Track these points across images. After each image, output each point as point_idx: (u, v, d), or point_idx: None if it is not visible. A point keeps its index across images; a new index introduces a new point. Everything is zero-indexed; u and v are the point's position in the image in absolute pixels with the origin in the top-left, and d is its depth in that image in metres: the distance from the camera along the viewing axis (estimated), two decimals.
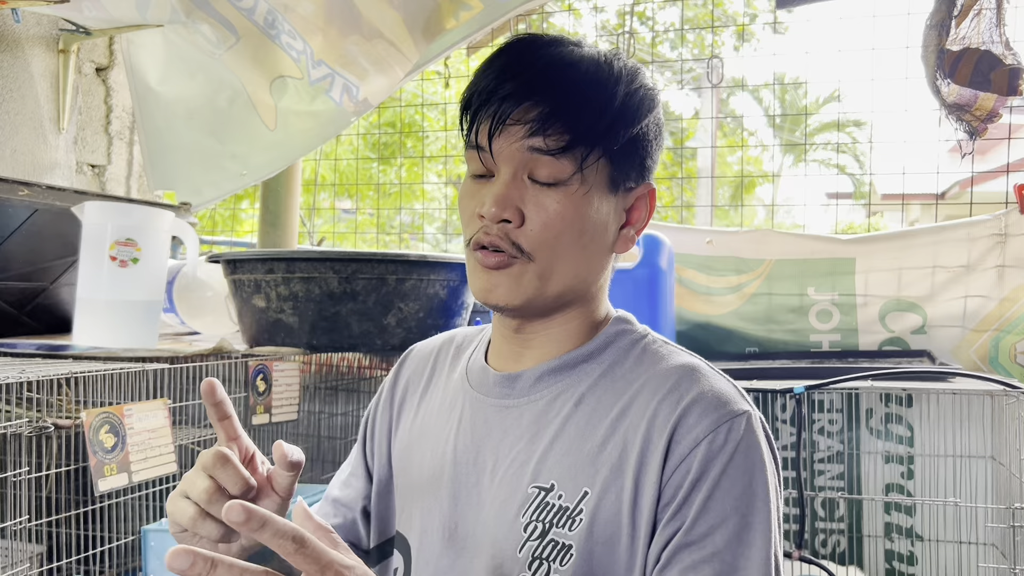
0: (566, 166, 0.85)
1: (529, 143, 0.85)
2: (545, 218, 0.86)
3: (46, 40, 2.42)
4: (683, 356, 0.91)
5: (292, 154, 2.48)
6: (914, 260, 2.14)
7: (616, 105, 0.87)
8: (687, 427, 0.82)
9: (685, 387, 0.85)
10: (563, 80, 0.85)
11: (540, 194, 0.86)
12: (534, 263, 0.87)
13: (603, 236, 0.90)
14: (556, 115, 0.84)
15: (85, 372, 1.44)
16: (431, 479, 0.95)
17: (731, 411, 0.83)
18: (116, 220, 1.84)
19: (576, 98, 0.85)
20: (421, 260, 1.95)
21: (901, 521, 2.04)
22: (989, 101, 1.55)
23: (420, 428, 1.00)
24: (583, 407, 0.88)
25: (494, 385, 0.94)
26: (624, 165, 0.89)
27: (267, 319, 1.95)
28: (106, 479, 1.38)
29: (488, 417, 0.93)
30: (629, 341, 0.93)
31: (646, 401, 0.85)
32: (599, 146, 0.86)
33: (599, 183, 0.88)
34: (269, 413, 1.82)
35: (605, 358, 0.92)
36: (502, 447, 0.90)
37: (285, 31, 2.27)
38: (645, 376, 0.88)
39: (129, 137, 2.70)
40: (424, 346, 1.09)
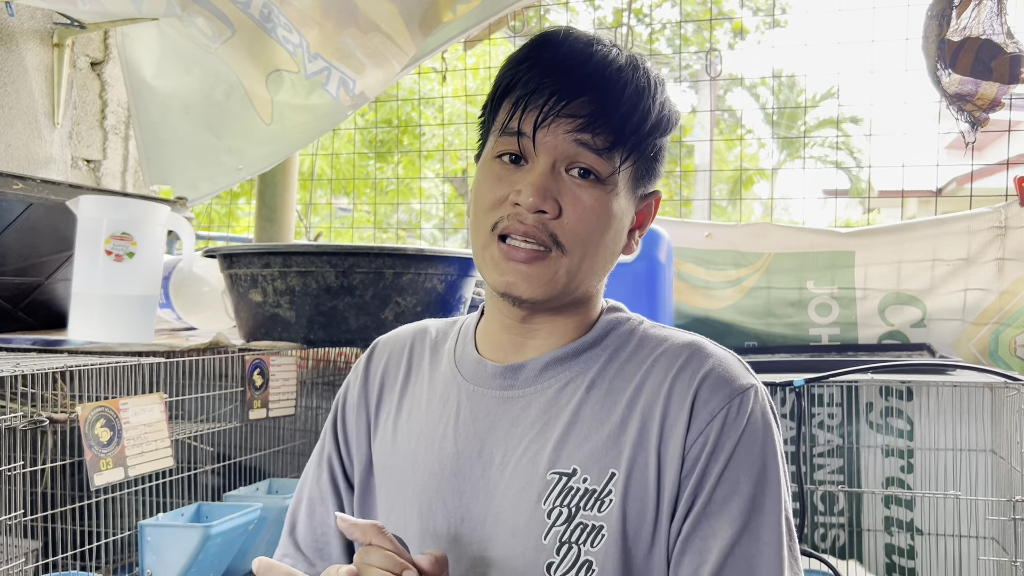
0: (606, 165, 0.88)
1: (578, 137, 0.87)
2: (581, 212, 0.88)
3: (40, 34, 2.41)
4: (685, 335, 0.95)
5: (288, 148, 2.47)
6: (913, 253, 2.13)
7: (654, 115, 0.90)
8: (703, 400, 0.86)
9: (697, 362, 0.89)
10: (613, 83, 0.88)
11: (577, 188, 0.88)
12: (566, 257, 0.88)
13: (621, 236, 0.93)
14: (606, 115, 0.87)
15: (80, 366, 1.42)
16: (430, 476, 0.93)
17: (741, 385, 0.88)
18: (111, 214, 1.82)
19: (623, 104, 0.88)
20: (419, 254, 1.94)
21: (901, 515, 2.03)
22: (991, 90, 1.55)
23: (408, 425, 0.98)
24: (595, 392, 0.90)
25: (494, 377, 0.94)
26: (646, 171, 0.93)
27: (264, 313, 1.94)
28: (102, 473, 1.37)
29: (490, 409, 0.93)
30: (628, 328, 0.96)
31: (660, 378, 0.89)
32: (636, 151, 0.90)
33: (625, 185, 0.91)
34: (266, 408, 1.81)
35: (608, 344, 0.94)
36: (510, 437, 0.90)
37: (281, 24, 2.26)
38: (652, 357, 0.91)
39: (124, 132, 2.69)
40: (393, 338, 1.07)
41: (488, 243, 0.89)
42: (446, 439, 0.94)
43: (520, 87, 0.88)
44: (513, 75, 0.89)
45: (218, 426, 1.77)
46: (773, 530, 0.84)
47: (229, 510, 1.57)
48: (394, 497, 0.97)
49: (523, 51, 0.91)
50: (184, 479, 1.69)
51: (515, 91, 0.88)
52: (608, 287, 1.00)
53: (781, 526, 0.85)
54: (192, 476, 1.72)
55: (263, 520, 1.62)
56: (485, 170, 0.92)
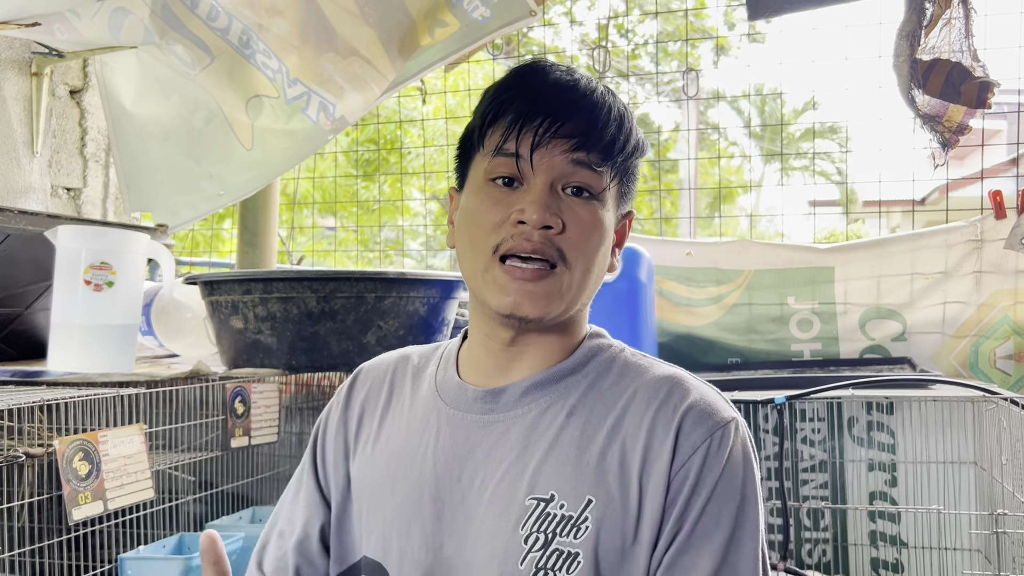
0: (599, 182, 0.93)
1: (573, 156, 0.91)
2: (581, 227, 0.91)
3: (19, 63, 2.40)
4: (665, 367, 0.96)
5: (269, 173, 2.47)
6: (892, 268, 2.15)
7: (633, 138, 0.96)
8: (685, 433, 0.88)
9: (678, 397, 0.90)
10: (599, 107, 0.93)
11: (575, 205, 0.92)
12: (570, 271, 0.91)
13: (607, 251, 0.96)
14: (597, 135, 0.92)
15: (59, 399, 1.41)
16: (409, 500, 0.93)
17: (722, 419, 0.89)
18: (90, 244, 1.82)
19: (610, 124, 0.93)
20: (400, 277, 1.94)
21: (886, 528, 2.04)
22: (958, 113, 1.57)
23: (387, 449, 0.99)
24: (575, 419, 0.91)
25: (474, 401, 0.95)
26: (626, 191, 0.98)
27: (245, 340, 1.93)
28: (80, 508, 1.35)
29: (470, 434, 0.93)
30: (608, 356, 0.97)
31: (640, 411, 0.90)
32: (621, 169, 0.95)
33: (612, 203, 0.96)
34: (248, 436, 1.80)
35: (589, 371, 0.95)
36: (490, 462, 0.91)
37: (260, 50, 2.27)
38: (633, 387, 0.92)
39: (105, 159, 2.68)
40: (375, 365, 1.08)
41: (490, 265, 0.91)
42: (426, 462, 0.94)
43: (513, 111, 0.91)
44: (502, 101, 0.92)
45: (200, 455, 1.76)
46: (750, 564, 0.86)
47: None
48: (372, 520, 0.97)
49: (508, 80, 0.95)
50: (166, 510, 1.68)
51: (507, 115, 0.91)
52: (591, 306, 1.02)
53: (758, 560, 0.87)
54: (175, 506, 1.71)
55: (245, 549, 1.61)
56: (479, 194, 0.93)
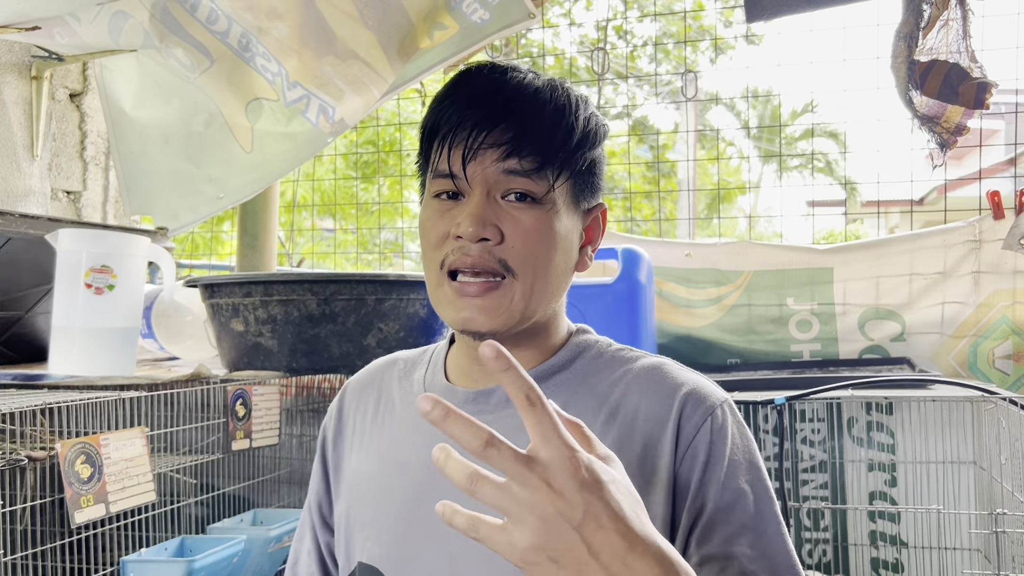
0: (541, 185, 0.89)
1: (504, 165, 0.88)
2: (524, 234, 0.88)
3: (18, 67, 2.41)
4: (651, 357, 0.97)
5: (269, 176, 2.47)
6: (891, 268, 2.15)
7: (579, 130, 0.91)
8: (686, 417, 0.88)
9: (670, 383, 0.91)
10: (531, 106, 0.89)
11: (516, 212, 0.89)
12: (519, 281, 0.89)
13: (571, 254, 0.94)
14: (528, 138, 0.88)
15: (60, 402, 1.42)
16: (404, 503, 0.93)
17: (718, 398, 0.91)
18: (90, 247, 1.82)
19: (545, 123, 0.89)
20: (400, 279, 1.95)
21: (886, 528, 2.04)
22: (956, 114, 1.57)
23: (379, 456, 0.99)
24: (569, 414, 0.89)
25: (464, 403, 0.94)
26: (584, 186, 0.94)
27: (246, 343, 1.93)
28: (83, 511, 1.36)
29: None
30: (595, 351, 0.97)
31: (634, 400, 0.90)
32: (567, 168, 0.90)
33: (564, 202, 0.92)
34: (250, 438, 1.81)
35: (577, 367, 0.95)
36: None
37: (259, 53, 2.27)
38: (624, 379, 0.93)
39: (105, 163, 2.69)
40: (361, 376, 1.09)
41: (440, 281, 0.90)
42: (419, 465, 0.93)
43: (443, 125, 0.89)
44: (436, 115, 0.91)
45: (201, 458, 1.76)
46: (774, 521, 0.88)
47: (213, 543, 1.56)
48: (368, 527, 0.97)
49: (443, 91, 0.93)
50: (168, 512, 1.68)
51: (440, 130, 0.89)
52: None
53: (780, 522, 0.89)
54: (176, 509, 1.71)
55: (247, 552, 1.61)
56: (426, 210, 0.93)
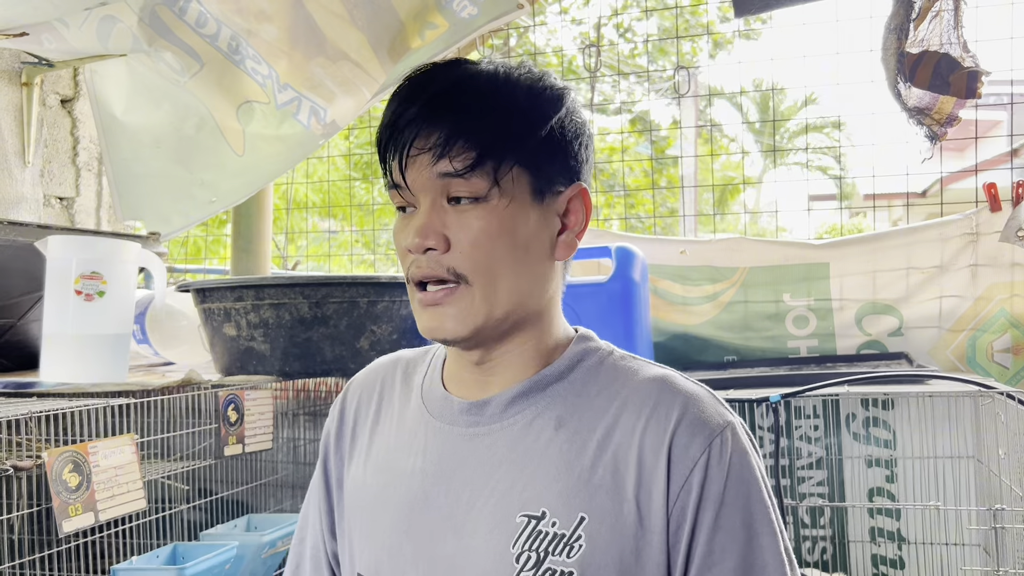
0: (480, 183, 0.84)
1: (437, 169, 0.84)
2: (471, 237, 0.84)
3: (9, 74, 2.40)
4: (653, 368, 0.91)
5: (261, 179, 2.46)
6: (888, 262, 2.14)
7: (517, 111, 0.86)
8: (681, 448, 0.83)
9: (668, 403, 0.85)
10: (459, 99, 0.85)
11: (462, 215, 0.85)
12: (473, 286, 0.85)
13: (538, 246, 0.88)
14: (457, 135, 0.83)
15: (46, 411, 1.41)
16: (399, 517, 0.91)
17: (717, 425, 0.84)
18: (80, 254, 1.81)
19: (474, 113, 0.84)
20: (392, 281, 1.94)
21: (886, 525, 2.03)
22: (948, 104, 1.55)
23: (377, 463, 0.96)
24: (565, 430, 0.86)
25: (460, 413, 0.91)
26: (545, 170, 0.87)
27: (238, 347, 1.92)
28: (71, 520, 1.35)
29: (457, 447, 0.90)
30: (596, 359, 0.92)
31: (631, 420, 0.85)
32: (509, 156, 0.84)
33: (521, 193, 0.86)
34: (242, 443, 1.80)
35: (576, 377, 0.90)
36: (477, 476, 0.87)
37: (249, 56, 2.26)
38: (624, 393, 0.87)
39: (97, 168, 2.68)
40: (364, 376, 1.06)
41: (412, 293, 0.88)
42: (414, 478, 0.91)
43: (384, 134, 0.86)
44: (382, 122, 0.87)
45: (194, 464, 1.75)
46: (775, 562, 0.83)
47: (205, 550, 1.55)
48: (366, 538, 0.94)
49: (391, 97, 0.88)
50: (160, 519, 1.67)
51: (382, 141, 0.86)
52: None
53: (781, 555, 0.84)
54: (168, 516, 1.70)
55: (240, 558, 1.60)
56: (394, 225, 0.90)
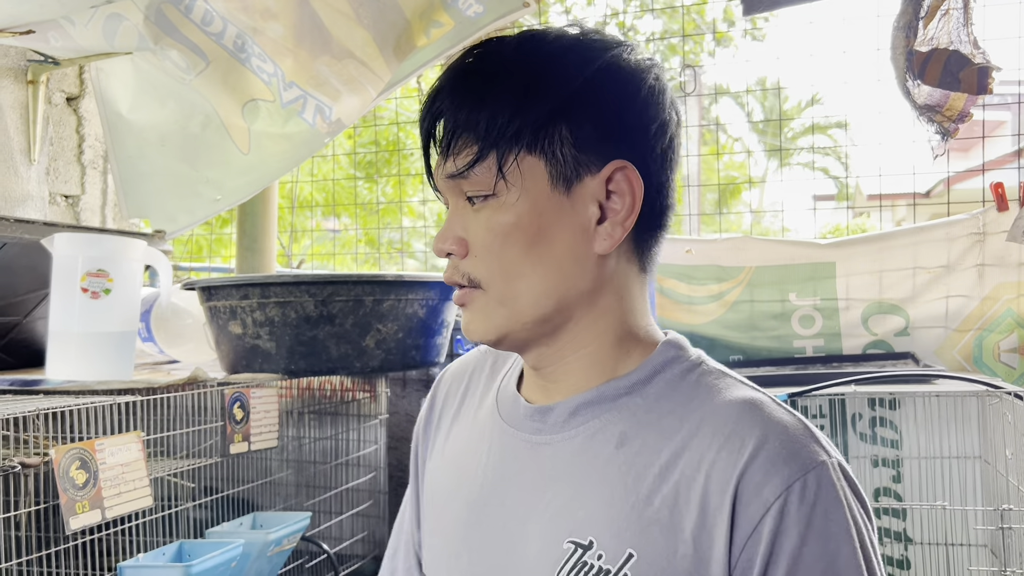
0: (484, 179, 0.78)
1: (446, 170, 0.80)
2: (483, 239, 0.79)
3: (14, 71, 2.40)
4: (741, 389, 0.78)
5: (267, 177, 2.46)
6: (894, 262, 2.13)
7: (523, 88, 0.76)
8: (753, 486, 0.70)
9: (746, 431, 0.72)
10: (460, 89, 0.78)
11: (476, 216, 0.80)
12: (487, 292, 0.80)
13: (567, 241, 0.78)
14: (457, 130, 0.78)
15: (53, 408, 1.41)
16: (458, 520, 0.87)
17: (803, 464, 0.70)
18: (86, 251, 1.81)
19: (475, 100, 0.77)
20: (398, 280, 1.94)
21: (892, 525, 2.02)
22: (959, 101, 1.55)
23: (449, 458, 0.93)
24: (626, 449, 0.77)
25: (525, 418, 0.85)
26: (564, 152, 0.77)
27: (244, 345, 1.92)
28: (78, 517, 1.35)
29: (519, 453, 0.84)
30: (679, 371, 0.81)
31: (702, 448, 0.74)
32: (512, 143, 0.76)
33: (535, 183, 0.78)
34: (248, 441, 1.80)
35: (651, 391, 0.80)
36: (534, 489, 0.81)
37: (255, 54, 2.26)
38: (699, 414, 0.76)
39: (103, 166, 2.68)
40: (459, 364, 1.01)
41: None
42: (475, 480, 0.86)
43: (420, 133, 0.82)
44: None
45: (199, 462, 1.75)
46: None
47: (211, 547, 1.55)
48: (432, 535, 0.92)
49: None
50: (166, 517, 1.67)
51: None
52: None
53: None
54: (174, 514, 1.70)
55: (246, 556, 1.60)
56: None
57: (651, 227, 0.83)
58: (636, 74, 0.80)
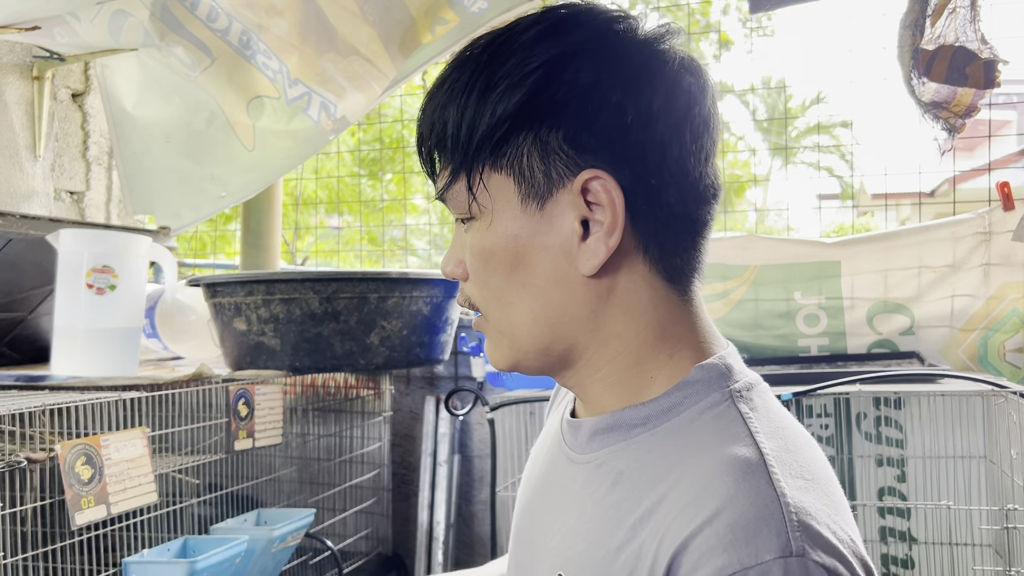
0: (460, 200, 0.71)
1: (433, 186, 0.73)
2: (472, 265, 0.72)
3: (20, 68, 2.40)
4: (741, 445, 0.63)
5: (271, 174, 2.46)
6: (899, 261, 2.13)
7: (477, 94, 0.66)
8: (686, 567, 0.58)
9: (707, 499, 0.59)
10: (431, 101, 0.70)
11: (467, 239, 0.73)
12: (488, 320, 0.74)
13: (546, 263, 0.69)
14: (429, 149, 0.71)
15: (59, 404, 1.41)
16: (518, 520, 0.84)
17: (748, 555, 0.55)
18: (92, 247, 1.81)
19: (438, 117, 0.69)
20: (402, 277, 1.94)
21: (896, 524, 2.02)
22: (967, 97, 1.54)
23: (534, 456, 0.89)
24: (618, 489, 0.68)
25: (567, 430, 0.80)
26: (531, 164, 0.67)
27: (248, 342, 1.93)
28: (83, 512, 1.35)
29: (557, 467, 0.79)
30: (701, 406, 0.69)
31: (672, 504, 0.62)
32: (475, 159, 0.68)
33: (506, 201, 0.69)
34: (252, 438, 1.80)
35: (662, 427, 0.69)
36: (555, 510, 0.76)
37: (260, 51, 2.26)
38: (686, 466, 0.64)
39: (108, 162, 2.68)
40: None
41: None
42: (533, 484, 0.83)
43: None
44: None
45: (204, 458, 1.75)
46: None
47: (216, 543, 1.55)
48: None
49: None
50: (171, 513, 1.68)
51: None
52: None
53: None
54: (179, 510, 1.70)
55: (251, 552, 1.61)
56: None
57: (667, 232, 0.71)
58: (617, 56, 0.67)
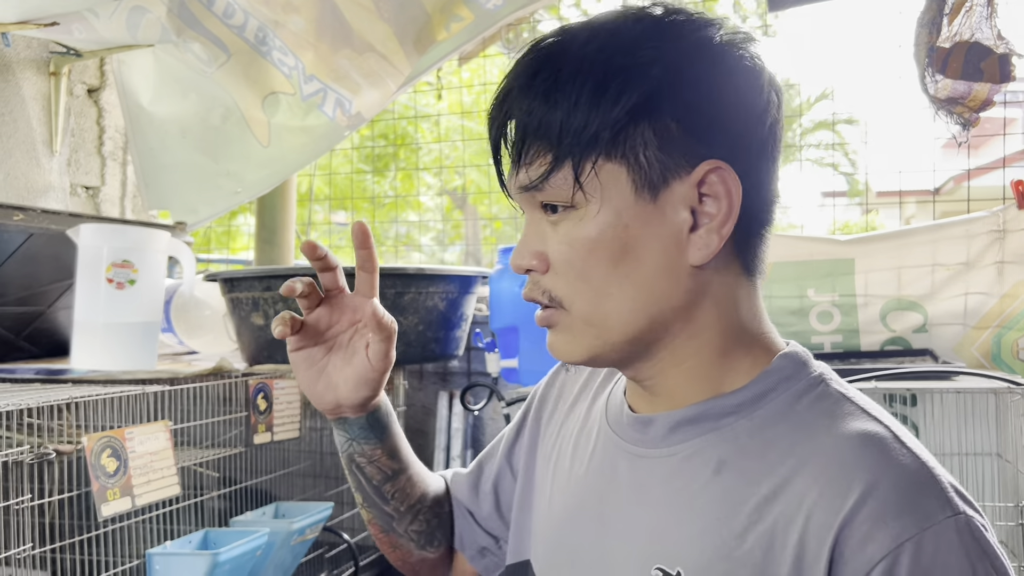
0: (561, 189, 0.70)
1: (519, 181, 0.72)
2: (565, 255, 0.71)
3: (37, 63, 2.42)
4: (861, 420, 0.67)
5: (286, 170, 2.47)
6: (913, 259, 2.13)
7: (593, 85, 0.67)
8: (856, 540, 0.59)
9: (855, 473, 0.62)
10: (528, 91, 0.70)
11: (557, 227, 0.72)
12: (570, 312, 0.72)
13: (655, 253, 0.70)
14: (528, 138, 0.70)
15: (85, 397, 1.43)
16: (555, 524, 0.83)
17: (920, 519, 0.59)
18: (112, 242, 1.83)
19: (541, 107, 0.69)
20: (419, 273, 1.95)
21: None
22: (983, 91, 1.55)
23: (557, 454, 0.88)
24: (724, 476, 0.69)
25: (627, 427, 0.78)
26: (647, 156, 0.68)
27: (266, 337, 1.94)
28: (109, 504, 1.37)
29: (618, 464, 0.78)
30: (795, 391, 0.71)
31: (803, 486, 0.64)
32: (586, 149, 0.68)
33: (618, 191, 0.69)
34: (271, 432, 1.81)
35: (759, 413, 0.70)
36: (629, 505, 0.75)
37: (276, 47, 2.27)
38: (809, 446, 0.66)
39: (123, 158, 2.70)
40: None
41: None
42: (576, 484, 0.82)
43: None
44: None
45: (223, 452, 1.77)
46: None
47: (236, 536, 1.57)
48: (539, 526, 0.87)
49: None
50: (191, 506, 1.69)
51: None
52: None
53: None
54: (199, 503, 1.72)
55: (270, 545, 1.62)
56: None
57: (753, 226, 0.73)
58: (725, 57, 0.70)
